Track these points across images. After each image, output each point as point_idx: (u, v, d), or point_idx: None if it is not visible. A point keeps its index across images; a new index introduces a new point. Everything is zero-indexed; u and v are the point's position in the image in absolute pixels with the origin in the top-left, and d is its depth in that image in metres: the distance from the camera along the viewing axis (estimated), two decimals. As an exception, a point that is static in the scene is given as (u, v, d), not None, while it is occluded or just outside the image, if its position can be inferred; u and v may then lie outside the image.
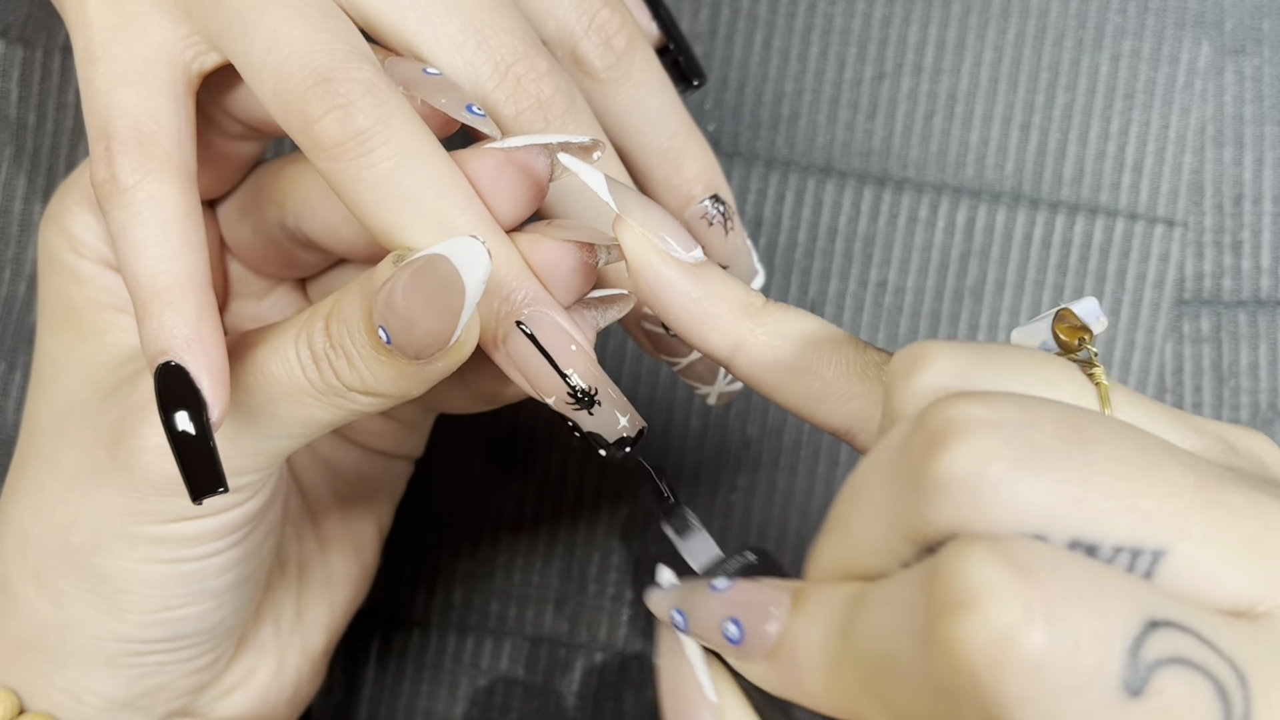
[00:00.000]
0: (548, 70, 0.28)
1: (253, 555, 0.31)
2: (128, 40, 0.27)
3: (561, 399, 0.25)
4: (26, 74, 0.41)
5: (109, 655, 0.30)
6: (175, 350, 0.26)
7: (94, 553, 0.29)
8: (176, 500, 0.28)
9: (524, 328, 0.25)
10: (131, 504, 0.29)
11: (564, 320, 0.25)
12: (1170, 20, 0.40)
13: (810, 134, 0.40)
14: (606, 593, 0.40)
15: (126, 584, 0.29)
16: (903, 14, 0.40)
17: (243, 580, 0.31)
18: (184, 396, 0.26)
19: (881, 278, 0.40)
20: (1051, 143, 0.40)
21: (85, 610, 0.30)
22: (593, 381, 0.25)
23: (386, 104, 0.25)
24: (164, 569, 0.29)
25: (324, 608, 0.35)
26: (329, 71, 0.25)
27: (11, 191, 0.41)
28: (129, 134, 0.27)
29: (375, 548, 0.36)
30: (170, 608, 0.30)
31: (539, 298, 0.25)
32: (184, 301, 0.26)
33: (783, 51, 0.40)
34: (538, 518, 0.41)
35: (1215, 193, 0.40)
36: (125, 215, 0.26)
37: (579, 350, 0.25)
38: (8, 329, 0.41)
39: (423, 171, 0.25)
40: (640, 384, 0.40)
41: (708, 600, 0.23)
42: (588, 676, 0.40)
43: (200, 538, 0.29)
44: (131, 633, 0.30)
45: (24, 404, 0.33)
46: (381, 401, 0.27)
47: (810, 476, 0.40)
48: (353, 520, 0.36)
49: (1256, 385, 0.39)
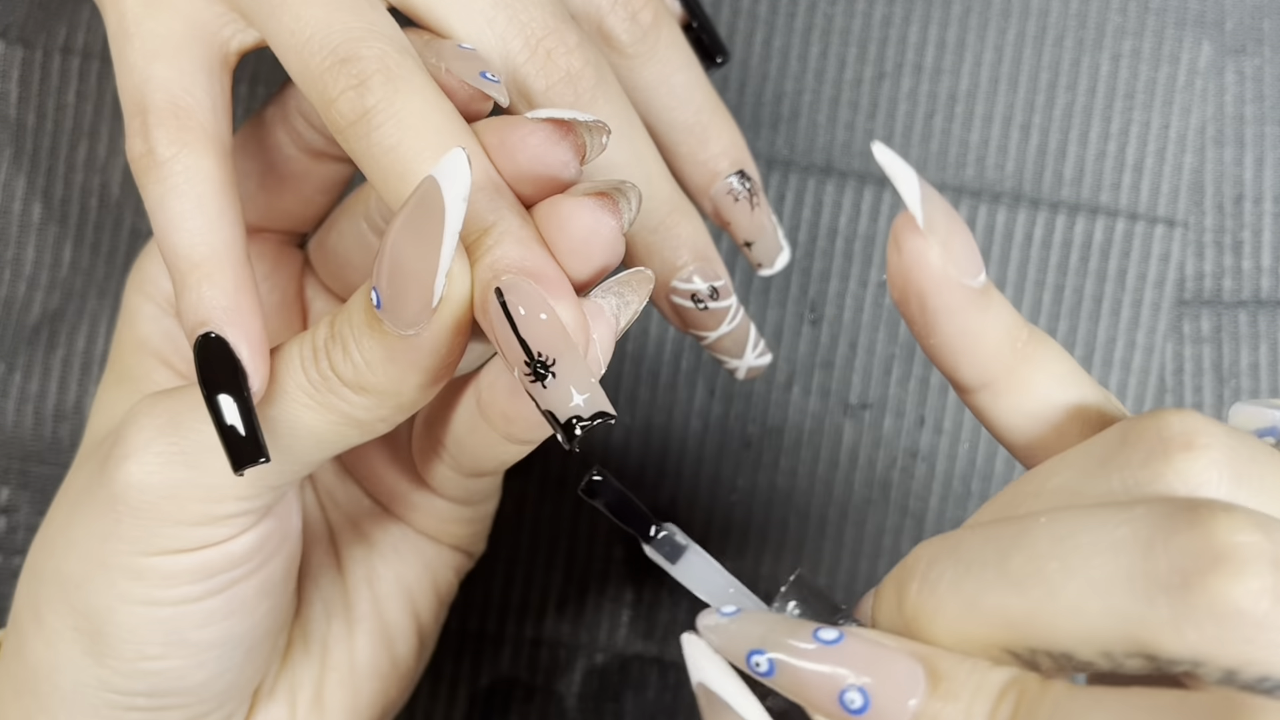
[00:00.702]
0: (578, 44, 0.28)
1: (240, 613, 0.29)
2: (162, 16, 0.27)
3: (521, 369, 0.23)
4: (26, 74, 0.41)
5: (94, 705, 0.29)
6: (214, 321, 0.26)
7: (80, 584, 0.28)
8: (153, 529, 0.27)
9: (500, 294, 0.24)
10: (110, 527, 0.28)
11: (551, 293, 0.24)
12: (1170, 20, 0.40)
13: (810, 134, 0.40)
14: (607, 594, 0.40)
15: (105, 624, 0.28)
16: (903, 14, 0.40)
17: (229, 640, 0.29)
18: (223, 367, 0.25)
19: (881, 278, 0.40)
20: (1051, 143, 0.40)
21: (71, 651, 0.29)
22: (554, 353, 0.23)
23: (394, 80, 0.25)
24: (140, 612, 0.28)
25: (346, 696, 0.33)
26: (345, 51, 0.25)
27: (11, 192, 0.41)
28: (165, 107, 0.27)
29: (410, 643, 0.34)
30: (147, 657, 0.29)
31: (526, 265, 0.24)
32: (222, 273, 0.26)
33: (783, 51, 0.40)
34: (538, 518, 0.40)
35: (1215, 193, 0.40)
36: (163, 188, 0.26)
37: (550, 320, 0.23)
38: (7, 330, 0.41)
39: (424, 145, 0.25)
40: (640, 383, 0.40)
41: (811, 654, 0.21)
42: (588, 678, 0.40)
43: (177, 577, 0.28)
44: (113, 681, 0.29)
45: (21, 403, 0.33)
46: (375, 403, 0.26)
47: (810, 477, 0.40)
48: (386, 609, 0.33)
49: (1257, 385, 0.39)
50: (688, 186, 0.32)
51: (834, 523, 0.40)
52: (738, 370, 0.33)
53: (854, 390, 0.40)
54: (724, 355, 0.32)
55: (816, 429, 0.40)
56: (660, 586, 0.40)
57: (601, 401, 0.23)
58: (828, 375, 0.40)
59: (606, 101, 0.28)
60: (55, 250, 0.41)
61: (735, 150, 0.32)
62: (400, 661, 0.34)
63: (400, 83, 0.25)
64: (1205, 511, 0.19)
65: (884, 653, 0.20)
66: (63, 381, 0.41)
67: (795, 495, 0.40)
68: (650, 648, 0.40)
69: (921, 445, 0.40)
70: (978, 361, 0.24)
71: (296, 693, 0.32)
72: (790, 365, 0.40)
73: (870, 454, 0.40)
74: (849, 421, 0.40)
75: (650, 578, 0.40)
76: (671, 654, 0.40)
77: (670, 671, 0.40)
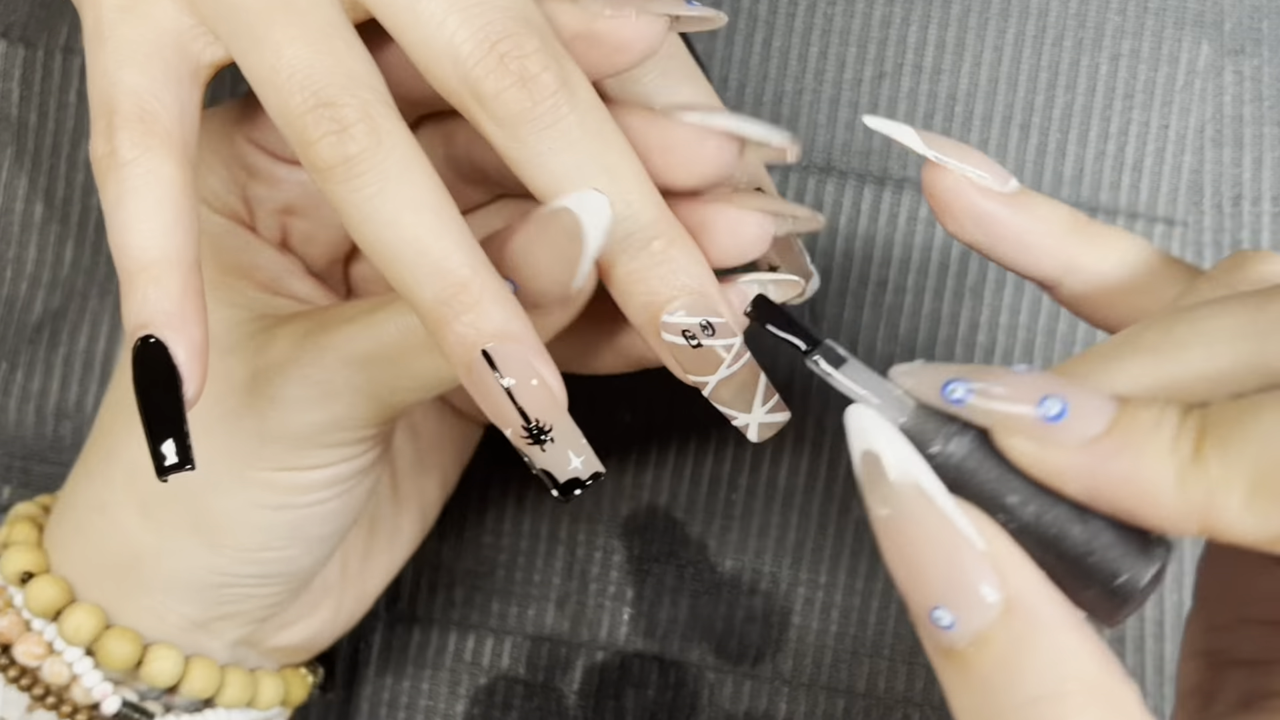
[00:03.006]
0: (538, 49, 0.26)
1: (353, 508, 0.32)
2: (136, 23, 0.28)
3: (517, 431, 0.26)
4: (28, 74, 0.41)
5: (199, 584, 0.32)
6: (156, 324, 0.26)
7: (206, 492, 0.31)
8: (302, 450, 0.30)
9: (488, 358, 0.25)
10: (255, 450, 0.30)
11: (532, 355, 0.26)
12: (1170, 20, 0.40)
13: (810, 134, 0.40)
14: (607, 591, 0.40)
15: (233, 524, 0.31)
16: (903, 14, 0.40)
17: (338, 530, 0.33)
18: (160, 372, 0.26)
19: (881, 278, 0.40)
20: (1051, 143, 0.40)
21: (185, 543, 0.31)
22: (549, 419, 0.25)
23: (378, 131, 0.26)
24: (272, 514, 0.31)
25: (386, 558, 0.37)
26: (328, 96, 0.26)
27: (13, 192, 0.41)
28: (131, 111, 0.27)
29: (437, 508, 0.38)
30: (269, 548, 0.32)
31: (509, 331, 0.25)
32: (169, 278, 0.26)
33: (783, 51, 0.40)
34: (538, 517, 0.41)
35: (1215, 193, 0.40)
36: (121, 189, 0.27)
37: (540, 386, 0.25)
38: (9, 329, 0.41)
39: (404, 198, 0.26)
40: (640, 380, 0.40)
41: (1010, 379, 0.21)
42: (588, 675, 0.40)
43: (313, 487, 0.31)
44: (227, 566, 0.32)
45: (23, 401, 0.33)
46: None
47: (810, 476, 0.40)
48: (424, 480, 0.37)
49: (1255, 385, 0.40)
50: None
51: (834, 522, 0.40)
52: (748, 429, 0.28)
53: (854, 389, 0.40)
54: (728, 408, 0.28)
55: (817, 428, 0.40)
56: (661, 584, 0.40)
57: (595, 462, 0.26)
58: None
59: (571, 110, 0.26)
60: (57, 249, 0.41)
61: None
62: (429, 524, 0.38)
63: (383, 134, 0.26)
64: None
65: (1076, 385, 0.21)
66: (64, 380, 0.41)
67: (795, 495, 0.40)
68: (651, 646, 0.40)
69: (921, 444, 0.40)
70: (1051, 248, 0.26)
71: (348, 559, 0.36)
72: (790, 365, 0.40)
73: (870, 453, 0.40)
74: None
75: (650, 576, 0.40)
76: (672, 652, 0.40)
77: (671, 670, 0.40)
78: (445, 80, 0.26)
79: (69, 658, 0.32)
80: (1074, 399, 0.21)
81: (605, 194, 0.26)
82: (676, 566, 0.40)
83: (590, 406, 0.27)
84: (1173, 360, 0.22)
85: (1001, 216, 0.26)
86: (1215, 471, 0.20)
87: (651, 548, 0.40)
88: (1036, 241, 0.26)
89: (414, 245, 0.25)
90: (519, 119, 0.26)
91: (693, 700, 0.40)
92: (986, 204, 0.26)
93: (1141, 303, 0.26)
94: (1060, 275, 0.26)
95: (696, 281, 0.27)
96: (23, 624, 0.32)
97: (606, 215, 0.26)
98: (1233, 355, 0.21)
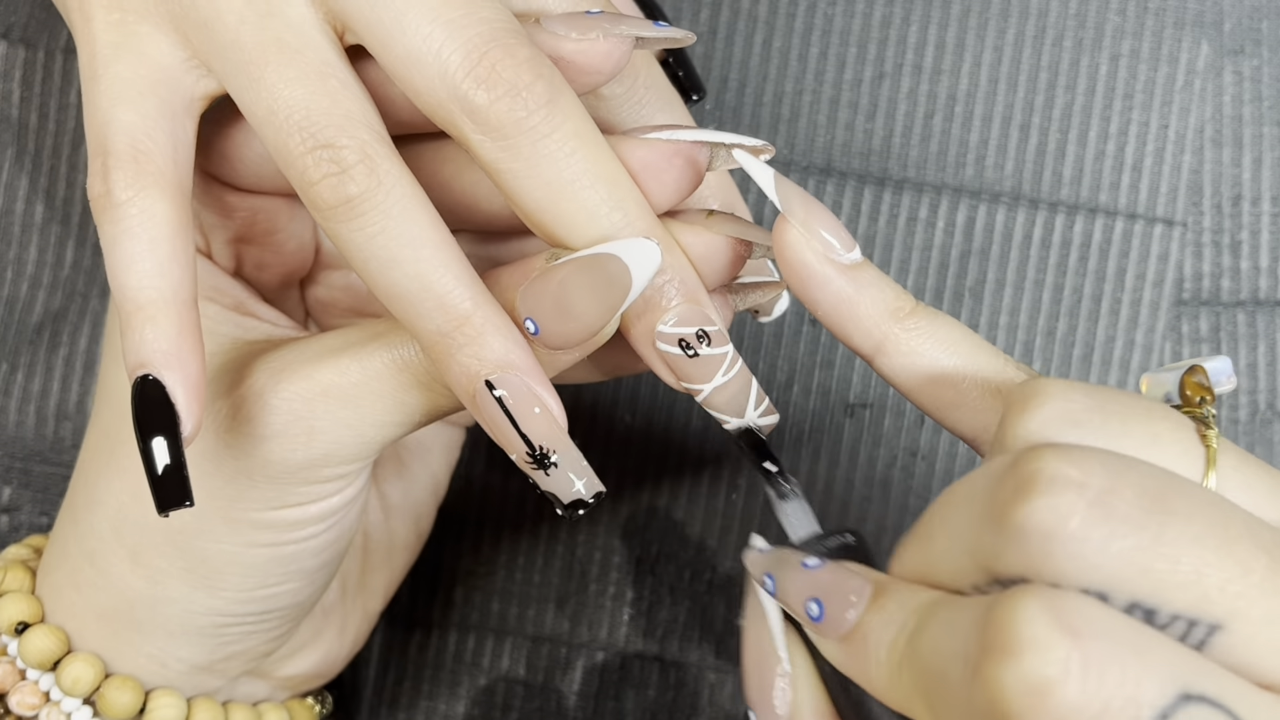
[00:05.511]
0: (529, 58, 0.26)
1: (345, 536, 0.32)
2: (129, 60, 0.28)
3: (522, 456, 0.26)
4: (28, 75, 0.41)
5: (199, 627, 0.32)
6: (154, 364, 0.26)
7: (195, 535, 0.30)
8: (288, 487, 0.29)
9: (493, 388, 0.26)
10: (242, 490, 0.30)
11: (534, 382, 0.26)
12: (1170, 20, 0.40)
13: (810, 134, 0.40)
14: (607, 592, 0.40)
15: (226, 566, 0.31)
16: (903, 14, 0.40)
17: (335, 558, 0.32)
18: (159, 411, 0.26)
19: (881, 278, 0.40)
20: (1051, 143, 0.40)
21: (181, 587, 0.31)
22: (552, 444, 0.26)
23: (377, 171, 0.26)
24: (265, 552, 0.31)
25: (384, 572, 0.37)
26: (326, 138, 0.26)
27: (13, 193, 0.41)
28: (125, 151, 0.27)
29: (432, 514, 0.38)
30: (266, 586, 0.31)
31: (510, 361, 0.26)
32: (166, 317, 0.27)
33: (783, 52, 0.40)
34: (538, 518, 0.41)
35: (1214, 193, 0.40)
36: (117, 229, 0.27)
37: (543, 413, 0.26)
38: (9, 329, 0.41)
39: (406, 236, 0.26)
40: (641, 382, 0.40)
41: (798, 574, 0.25)
42: (589, 676, 0.40)
43: (303, 523, 0.30)
44: (225, 608, 0.31)
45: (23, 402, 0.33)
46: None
47: (810, 476, 0.40)
48: (413, 489, 0.37)
49: (1255, 385, 0.40)
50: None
51: (834, 521, 0.40)
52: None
53: (853, 390, 0.40)
54: (721, 413, 0.29)
55: (816, 428, 0.40)
56: (660, 585, 0.40)
57: (596, 483, 0.27)
58: (827, 375, 0.40)
59: (566, 119, 0.26)
60: (57, 250, 0.41)
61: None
62: (424, 532, 0.38)
63: (383, 174, 0.26)
64: (1021, 454, 0.21)
65: (845, 575, 0.24)
66: (65, 381, 0.41)
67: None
68: (651, 646, 0.40)
69: (921, 444, 0.40)
70: (862, 328, 0.27)
71: (346, 580, 0.36)
72: (790, 365, 0.40)
73: (870, 453, 0.40)
74: (849, 421, 0.40)
75: (650, 576, 0.40)
76: (672, 652, 0.40)
77: (671, 670, 0.40)
78: (432, 95, 0.26)
79: (67, 707, 0.32)
80: (831, 598, 0.24)
81: (611, 204, 0.26)
82: (676, 566, 0.40)
83: (592, 408, 0.27)
84: (925, 548, 0.23)
85: (830, 284, 0.26)
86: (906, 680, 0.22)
87: (651, 548, 0.40)
88: (854, 315, 0.26)
89: (417, 281, 0.26)
90: (514, 129, 0.26)
91: (693, 700, 0.40)
92: (819, 267, 0.26)
93: (940, 393, 0.26)
94: (871, 354, 0.27)
95: (690, 290, 0.27)
96: (17, 673, 0.32)
97: (656, 264, 0.26)
98: (963, 555, 0.22)
